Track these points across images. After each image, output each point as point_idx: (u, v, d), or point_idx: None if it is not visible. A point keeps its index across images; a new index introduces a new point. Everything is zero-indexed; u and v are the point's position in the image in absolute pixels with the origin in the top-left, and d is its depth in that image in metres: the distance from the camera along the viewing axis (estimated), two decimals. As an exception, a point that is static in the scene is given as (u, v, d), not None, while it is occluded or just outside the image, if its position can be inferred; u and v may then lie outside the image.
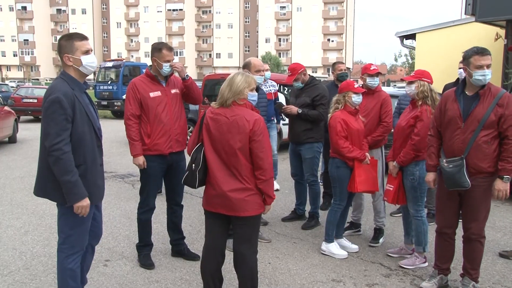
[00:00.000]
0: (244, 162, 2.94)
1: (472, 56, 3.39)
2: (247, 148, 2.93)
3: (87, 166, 2.88)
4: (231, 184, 2.95)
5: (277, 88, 7.24)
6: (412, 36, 13.98)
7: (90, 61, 2.92)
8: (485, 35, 11.03)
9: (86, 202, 2.83)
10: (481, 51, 3.38)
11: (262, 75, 4.76)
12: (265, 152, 2.95)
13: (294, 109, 5.12)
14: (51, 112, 2.73)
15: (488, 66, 3.35)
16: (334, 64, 6.28)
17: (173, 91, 4.09)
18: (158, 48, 3.98)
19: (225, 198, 2.95)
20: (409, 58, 37.24)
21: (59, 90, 2.77)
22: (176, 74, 4.11)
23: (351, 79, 5.66)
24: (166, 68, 3.96)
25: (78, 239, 2.98)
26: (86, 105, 2.91)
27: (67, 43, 2.89)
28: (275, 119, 7.25)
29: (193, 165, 3.05)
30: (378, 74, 4.76)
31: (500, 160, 3.37)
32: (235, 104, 2.99)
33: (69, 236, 2.95)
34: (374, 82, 4.74)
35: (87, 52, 2.91)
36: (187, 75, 4.09)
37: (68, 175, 2.74)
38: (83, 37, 2.95)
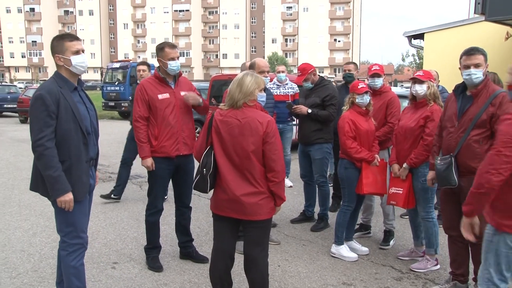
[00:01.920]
0: (257, 165, 2.89)
1: (462, 57, 3.47)
2: (260, 150, 2.88)
3: (72, 162, 2.94)
4: (243, 188, 2.89)
5: (297, 90, 7.00)
6: (420, 36, 13.87)
7: (80, 61, 2.98)
8: (495, 34, 10.91)
9: (68, 197, 2.88)
10: (468, 52, 3.42)
11: (266, 76, 4.68)
12: (278, 154, 2.91)
13: (304, 109, 5.07)
14: (34, 109, 2.84)
15: (476, 66, 3.35)
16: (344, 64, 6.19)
17: (182, 93, 4.05)
18: (160, 48, 3.98)
19: (238, 202, 2.89)
20: (416, 58, 37.02)
21: (44, 88, 2.88)
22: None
23: (358, 79, 5.61)
24: (171, 66, 3.93)
25: (76, 236, 3.02)
26: (74, 103, 2.95)
27: (58, 43, 2.97)
28: (293, 120, 7.14)
29: (204, 169, 2.97)
30: (377, 75, 4.69)
31: None
32: (245, 106, 2.93)
33: (67, 234, 3.01)
34: (374, 83, 4.68)
35: (77, 52, 2.97)
36: (201, 101, 4.09)
37: (50, 170, 2.82)
38: (73, 38, 3.02)
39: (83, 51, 3.03)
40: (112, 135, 13.77)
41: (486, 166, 2.45)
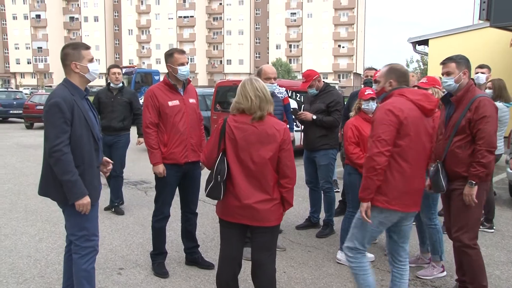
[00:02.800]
0: (272, 172, 2.91)
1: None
2: (276, 157, 2.89)
3: (85, 167, 2.99)
4: (257, 195, 2.89)
5: (285, 94, 7.09)
6: (424, 42, 13.90)
7: (95, 69, 3.11)
8: (500, 40, 10.91)
9: (86, 200, 2.94)
10: (442, 62, 3.55)
11: (272, 83, 4.62)
12: (292, 161, 2.95)
13: (308, 115, 5.08)
14: (50, 116, 2.88)
15: (447, 74, 3.47)
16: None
17: (191, 100, 4.08)
18: (169, 54, 4.00)
19: (251, 209, 2.88)
20: (420, 64, 36.96)
21: (59, 95, 2.92)
22: None
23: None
24: (181, 71, 3.94)
25: (88, 240, 3.07)
26: (85, 111, 3.02)
27: (75, 51, 3.04)
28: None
29: (218, 176, 2.92)
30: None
31: (469, 165, 3.41)
32: None
33: (79, 238, 3.05)
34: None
35: (91, 60, 3.09)
36: None
37: (68, 175, 2.87)
38: (87, 47, 3.13)
39: (93, 59, 3.16)
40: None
41: (371, 151, 2.91)
